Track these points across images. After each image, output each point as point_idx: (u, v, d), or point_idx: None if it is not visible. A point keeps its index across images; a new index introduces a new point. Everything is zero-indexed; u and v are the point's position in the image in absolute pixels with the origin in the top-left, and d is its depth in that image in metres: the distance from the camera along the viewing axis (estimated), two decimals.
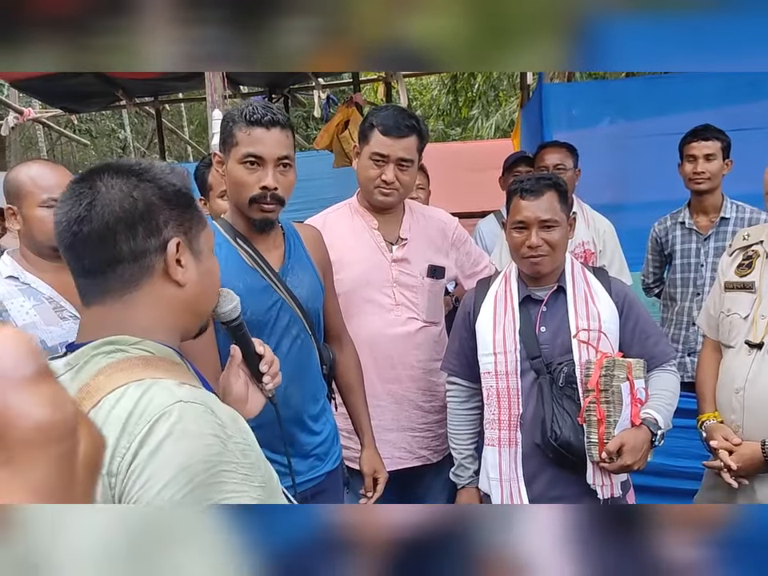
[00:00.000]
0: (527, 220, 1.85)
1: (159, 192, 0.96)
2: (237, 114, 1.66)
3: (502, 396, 1.88)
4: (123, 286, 0.94)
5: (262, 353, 1.26)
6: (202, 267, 1.02)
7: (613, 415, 1.75)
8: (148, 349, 0.93)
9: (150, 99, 5.96)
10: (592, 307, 1.85)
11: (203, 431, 0.84)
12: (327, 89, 6.32)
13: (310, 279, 1.82)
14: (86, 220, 0.92)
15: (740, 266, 1.98)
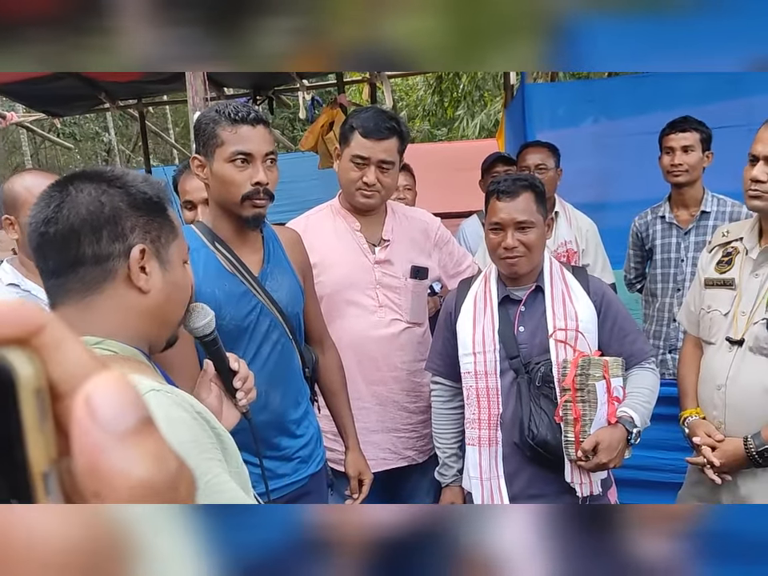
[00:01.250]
0: (503, 221, 1.87)
1: (128, 198, 0.97)
2: (216, 115, 1.65)
3: (482, 396, 1.90)
4: (85, 288, 0.95)
5: (237, 368, 1.26)
6: (169, 276, 1.02)
7: (588, 414, 1.76)
8: (111, 348, 0.94)
9: (133, 102, 5.93)
10: (570, 306, 1.86)
11: (182, 415, 0.85)
12: (312, 90, 6.32)
13: (290, 283, 1.83)
14: (53, 221, 0.93)
15: (720, 262, 1.99)
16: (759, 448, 1.79)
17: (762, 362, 1.81)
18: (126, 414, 0.27)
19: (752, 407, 1.83)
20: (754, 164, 1.84)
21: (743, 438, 1.83)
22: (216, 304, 1.66)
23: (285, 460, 1.79)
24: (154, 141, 12.20)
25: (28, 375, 0.24)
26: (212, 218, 1.76)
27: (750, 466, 1.84)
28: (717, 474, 1.87)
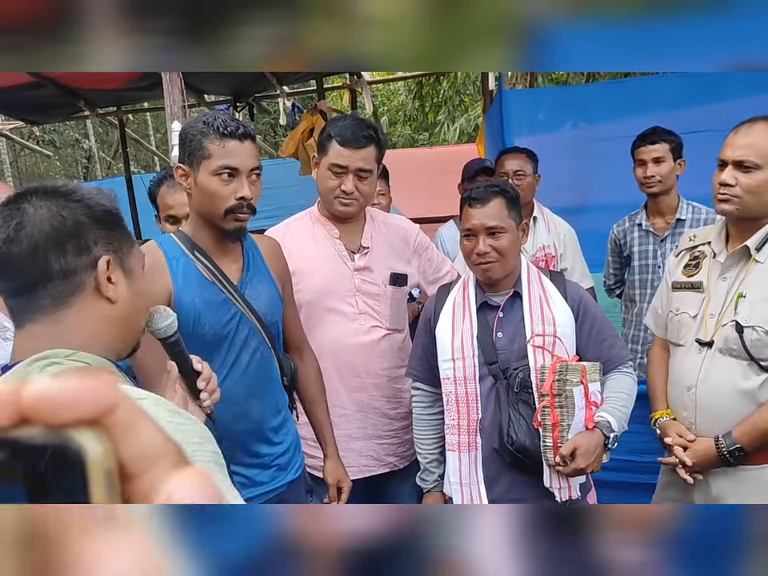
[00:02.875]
0: (474, 227, 1.89)
1: (88, 211, 0.98)
2: (204, 127, 1.66)
3: (461, 401, 1.91)
4: (54, 303, 0.96)
5: (200, 369, 1.27)
6: (134, 285, 1.04)
7: (566, 419, 1.78)
8: (84, 360, 0.94)
9: (113, 109, 5.90)
10: (547, 312, 1.88)
11: (162, 416, 0.84)
12: (292, 96, 6.32)
13: (269, 291, 1.84)
14: (15, 241, 0.93)
15: (687, 266, 2.02)
16: (730, 447, 1.82)
17: (731, 363, 1.83)
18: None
19: (722, 408, 1.85)
20: (723, 168, 1.87)
21: (714, 438, 1.86)
22: (196, 312, 1.66)
23: (263, 467, 1.80)
24: (134, 147, 12.13)
25: (98, 455, 0.24)
26: (192, 228, 1.76)
27: (721, 465, 1.86)
28: (689, 473, 1.90)
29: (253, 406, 1.75)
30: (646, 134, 3.00)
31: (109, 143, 16.70)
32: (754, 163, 1.79)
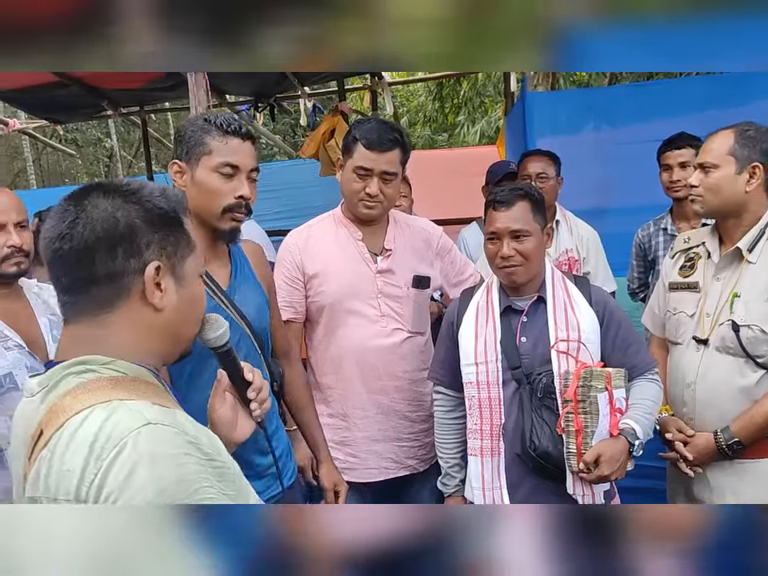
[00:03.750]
0: (498, 231, 1.88)
1: (144, 214, 0.96)
2: (205, 124, 1.65)
3: (484, 406, 1.90)
4: (98, 305, 0.94)
5: (251, 379, 1.26)
6: (184, 293, 1.01)
7: (590, 426, 1.77)
8: (120, 369, 0.94)
9: (135, 109, 5.94)
10: (572, 317, 1.87)
11: (174, 452, 0.84)
12: (313, 97, 6.33)
13: (256, 297, 1.82)
14: (67, 238, 0.92)
15: (682, 267, 2.13)
16: (728, 441, 1.92)
17: (728, 361, 1.93)
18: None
19: (720, 403, 1.94)
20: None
21: (713, 433, 1.95)
22: None
23: (257, 477, 1.74)
24: (155, 147, 12.21)
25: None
26: None
27: (720, 458, 1.96)
28: (689, 467, 1.99)
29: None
30: (672, 139, 3.03)
31: (130, 142, 16.85)
32: (711, 164, 1.96)
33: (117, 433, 0.82)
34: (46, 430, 0.87)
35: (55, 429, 0.86)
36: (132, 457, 0.80)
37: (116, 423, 0.83)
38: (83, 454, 0.81)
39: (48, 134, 9.95)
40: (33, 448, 0.88)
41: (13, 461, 1.01)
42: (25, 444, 0.95)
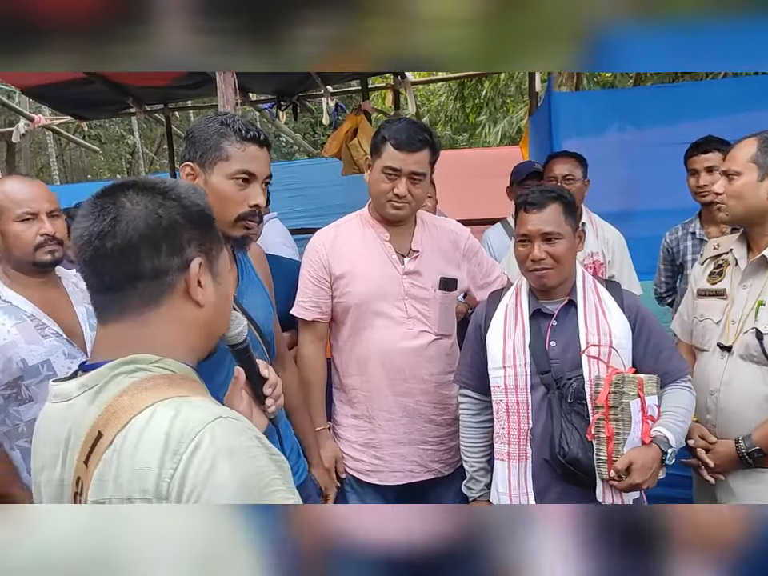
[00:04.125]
0: (530, 233, 1.86)
1: (184, 211, 0.96)
2: (222, 127, 1.61)
3: (512, 410, 1.88)
4: (143, 303, 0.94)
5: (267, 375, 1.26)
6: (220, 289, 1.02)
7: (622, 433, 1.74)
8: (169, 367, 0.94)
9: (159, 107, 5.97)
10: (603, 322, 1.84)
11: (248, 444, 0.85)
12: (335, 96, 6.32)
13: (263, 300, 1.81)
14: (110, 235, 0.91)
15: (711, 274, 2.12)
16: (749, 449, 1.92)
17: (752, 369, 1.92)
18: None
19: (743, 411, 1.94)
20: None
21: (735, 440, 1.94)
22: None
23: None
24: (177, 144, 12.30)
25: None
26: None
27: (741, 466, 1.95)
28: (711, 474, 2.00)
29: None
30: (699, 143, 2.99)
31: (152, 139, 16.97)
32: (734, 171, 1.97)
33: (190, 427, 0.82)
34: (106, 431, 0.86)
35: (118, 429, 0.85)
36: (211, 450, 0.81)
37: (187, 418, 0.83)
38: (158, 451, 0.81)
39: (71, 130, 10.04)
40: (90, 451, 0.87)
41: (41, 473, 0.98)
42: (64, 449, 0.93)
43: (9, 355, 1.80)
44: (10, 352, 1.81)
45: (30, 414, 1.82)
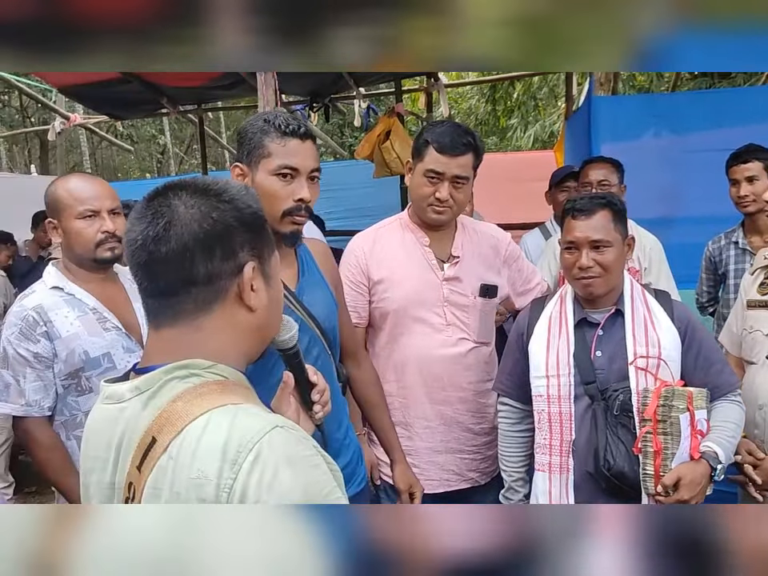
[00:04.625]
0: (577, 240, 1.82)
1: (237, 214, 0.94)
2: (265, 125, 1.60)
3: (554, 421, 1.84)
4: (196, 308, 0.92)
5: (315, 381, 1.24)
6: (272, 293, 1.00)
7: (670, 447, 1.69)
8: (222, 373, 0.92)
9: (192, 107, 6.02)
10: (652, 333, 1.79)
11: (306, 454, 0.84)
12: (367, 98, 6.32)
13: (325, 296, 1.79)
14: (164, 240, 0.89)
15: (762, 284, 2.07)
16: None
17: None
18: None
19: None
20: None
21: None
22: None
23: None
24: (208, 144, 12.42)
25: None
26: None
27: None
28: (758, 491, 1.93)
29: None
30: (739, 153, 2.96)
31: (181, 139, 17.15)
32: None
33: (248, 437, 0.80)
34: (160, 437, 0.85)
35: (173, 435, 0.84)
36: (271, 460, 0.79)
37: (244, 427, 0.82)
38: (216, 459, 0.80)
39: (104, 128, 10.17)
40: (144, 456, 0.86)
41: (90, 474, 0.97)
42: (115, 453, 0.92)
43: (72, 347, 1.86)
44: (74, 343, 1.86)
45: (88, 405, 1.87)
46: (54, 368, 1.87)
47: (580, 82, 4.93)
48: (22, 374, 1.85)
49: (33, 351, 1.84)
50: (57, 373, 1.87)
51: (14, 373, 1.85)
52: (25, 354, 1.84)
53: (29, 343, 1.84)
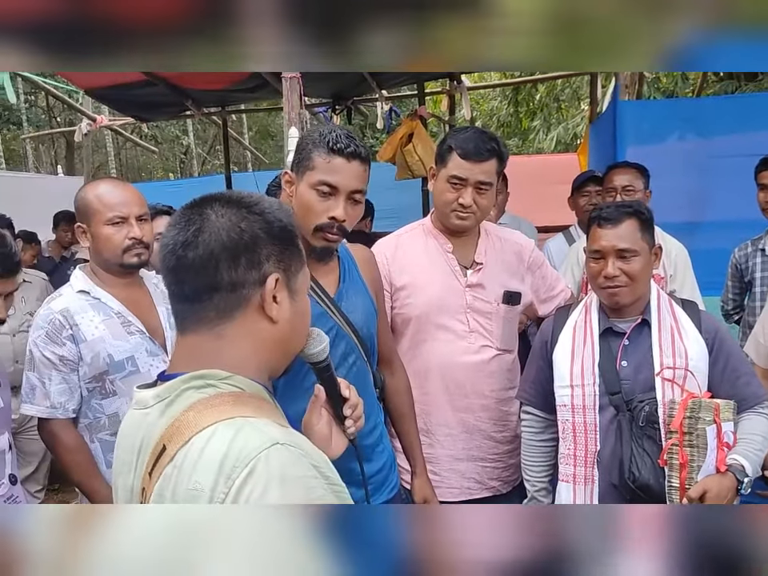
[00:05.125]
0: (603, 249, 1.80)
1: (266, 226, 0.95)
2: (318, 138, 1.62)
3: (579, 431, 1.82)
4: (218, 315, 0.93)
5: (347, 395, 1.23)
6: (296, 307, 1.00)
7: (696, 460, 1.67)
8: (238, 385, 0.93)
9: (216, 109, 6.06)
10: (679, 343, 1.77)
11: (301, 474, 0.83)
12: (390, 101, 6.31)
13: (364, 303, 1.79)
14: (192, 245, 0.92)
15: None
16: None
17: None
18: None
19: None
20: None
21: None
22: None
23: (357, 486, 1.72)
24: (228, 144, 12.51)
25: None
26: None
27: None
28: None
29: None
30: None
31: (204, 139, 17.28)
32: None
33: (246, 452, 0.80)
34: (169, 446, 0.86)
35: (180, 445, 0.85)
36: (263, 477, 0.79)
37: (244, 442, 0.82)
38: (212, 472, 0.80)
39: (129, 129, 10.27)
40: (155, 463, 0.87)
41: (118, 477, 0.99)
42: (137, 457, 0.94)
43: (97, 350, 1.89)
44: (99, 347, 1.89)
45: (112, 408, 1.91)
46: (79, 371, 1.90)
47: (604, 84, 4.88)
48: (47, 376, 1.88)
49: (58, 354, 1.87)
50: (81, 376, 1.90)
51: (40, 375, 1.88)
52: (51, 356, 1.87)
53: (55, 346, 1.87)
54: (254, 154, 12.98)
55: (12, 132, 14.53)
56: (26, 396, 1.89)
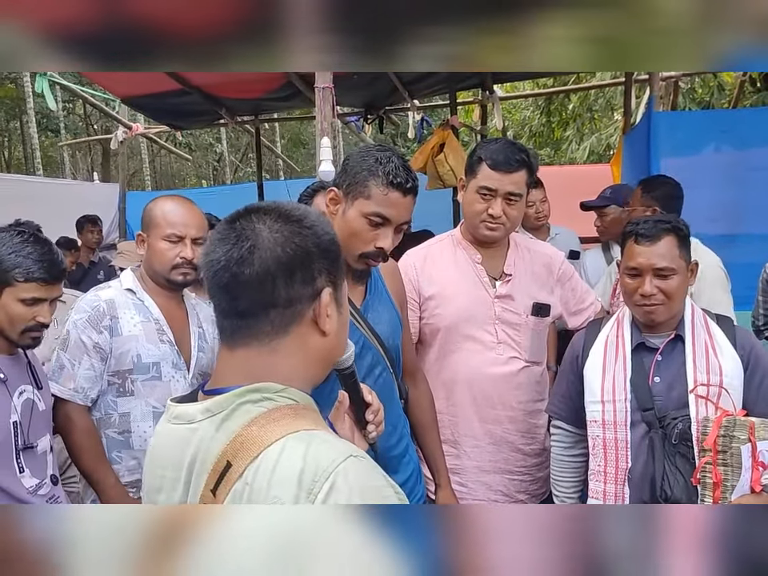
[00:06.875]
0: (641, 267, 1.76)
1: (317, 240, 0.95)
2: (375, 166, 1.61)
3: (609, 447, 1.79)
4: (273, 331, 0.93)
5: (370, 401, 1.24)
6: (341, 318, 1.01)
7: (730, 479, 1.63)
8: (293, 397, 0.93)
9: (249, 117, 6.13)
10: (713, 360, 1.73)
11: (378, 484, 0.84)
12: (421, 110, 6.33)
13: (389, 314, 1.79)
14: (248, 262, 0.91)
15: None
16: None
17: None
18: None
19: None
20: None
21: None
22: None
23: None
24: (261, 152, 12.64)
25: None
26: None
27: None
28: None
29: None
30: None
31: (237, 147, 17.48)
32: None
33: (323, 466, 0.81)
34: (235, 462, 0.85)
35: (249, 461, 0.84)
36: (344, 491, 0.79)
37: (318, 456, 0.82)
38: (292, 486, 0.80)
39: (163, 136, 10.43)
40: (219, 480, 0.86)
41: (158, 493, 0.97)
42: (186, 473, 0.92)
43: (128, 347, 1.95)
44: (130, 344, 1.95)
45: (125, 408, 1.96)
46: (107, 362, 1.95)
47: (638, 95, 4.83)
48: (78, 359, 1.93)
49: (94, 340, 1.93)
50: (107, 368, 1.96)
51: (71, 357, 1.94)
52: (86, 341, 1.93)
53: (92, 332, 1.93)
54: (286, 162, 13.09)
55: (50, 139, 14.87)
56: (52, 374, 1.94)
